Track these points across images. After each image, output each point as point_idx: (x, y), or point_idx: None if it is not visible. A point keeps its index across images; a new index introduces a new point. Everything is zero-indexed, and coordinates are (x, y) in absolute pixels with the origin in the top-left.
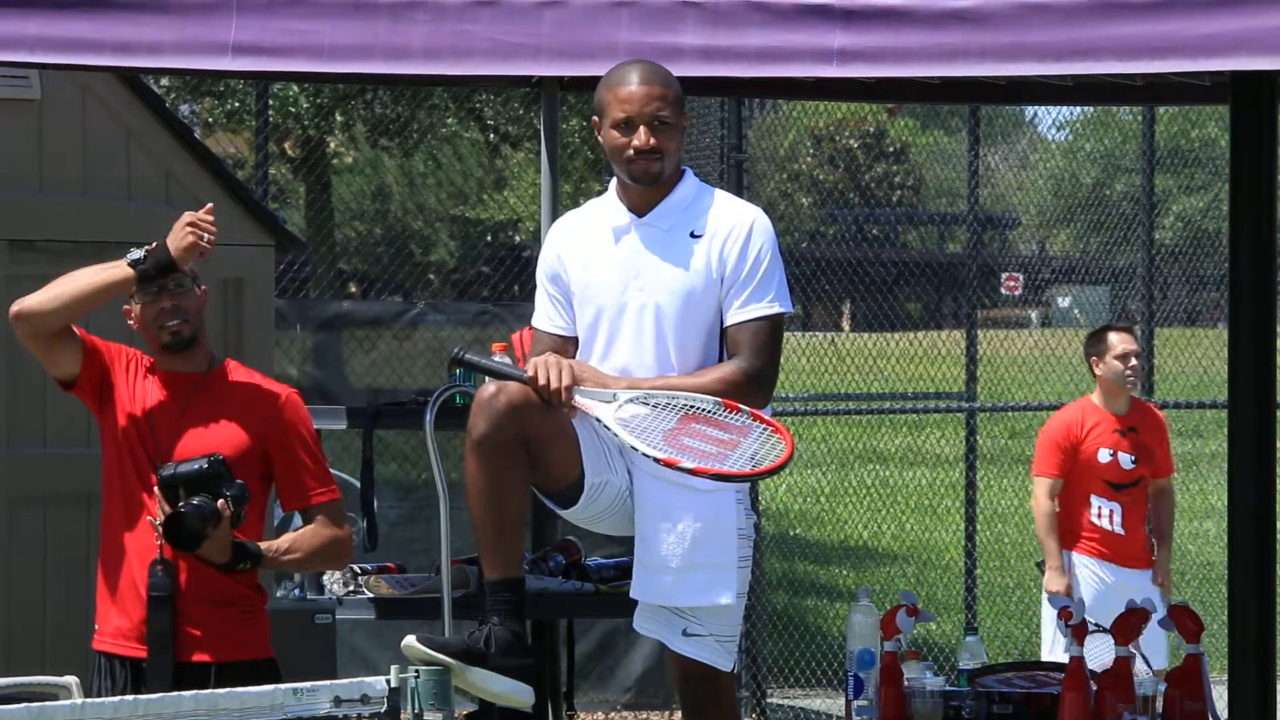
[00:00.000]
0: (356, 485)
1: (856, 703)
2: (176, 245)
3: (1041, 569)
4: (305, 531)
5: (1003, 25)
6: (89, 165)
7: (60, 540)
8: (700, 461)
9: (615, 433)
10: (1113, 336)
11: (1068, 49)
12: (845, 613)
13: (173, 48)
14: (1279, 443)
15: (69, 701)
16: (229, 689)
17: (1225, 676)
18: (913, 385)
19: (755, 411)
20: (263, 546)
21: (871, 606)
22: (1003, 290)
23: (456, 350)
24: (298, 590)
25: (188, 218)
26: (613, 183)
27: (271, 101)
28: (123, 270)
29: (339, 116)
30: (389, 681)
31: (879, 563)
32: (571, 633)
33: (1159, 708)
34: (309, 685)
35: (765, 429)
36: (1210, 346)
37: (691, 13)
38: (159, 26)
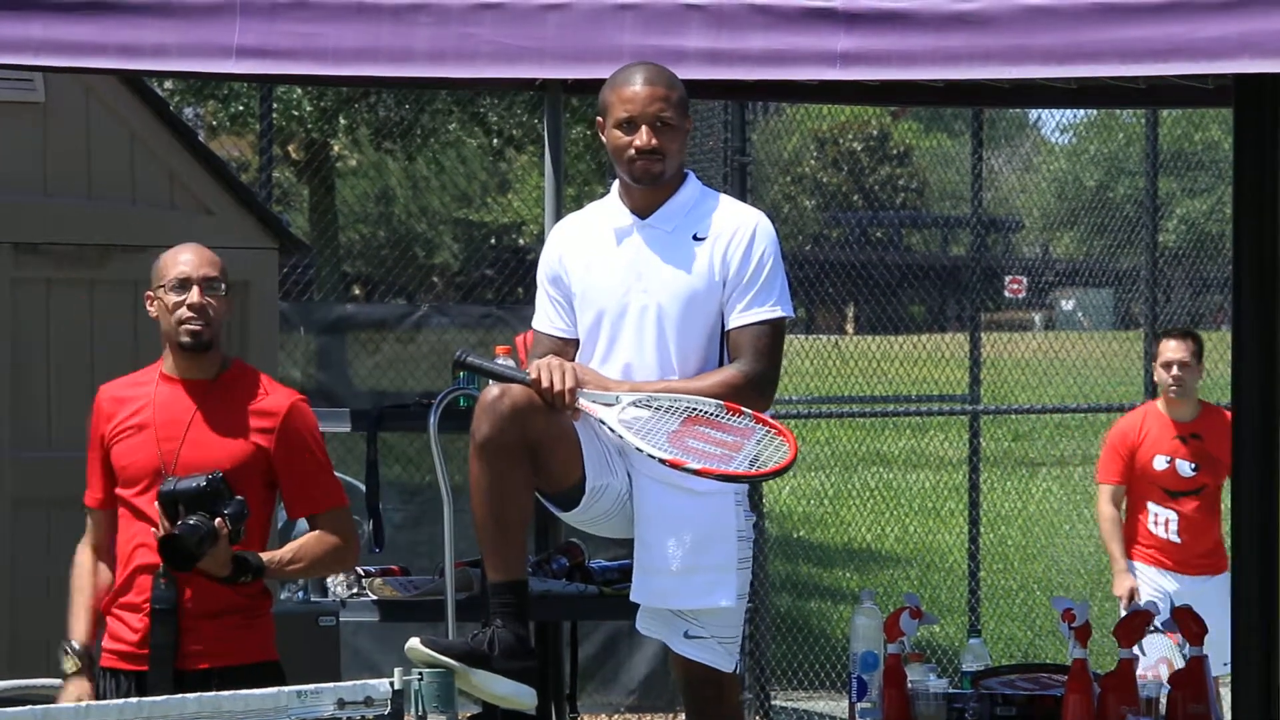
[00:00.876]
0: (361, 488)
1: (860, 705)
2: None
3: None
4: (309, 539)
5: (1006, 28)
6: (93, 168)
7: (64, 543)
8: (704, 462)
9: (619, 434)
10: (1164, 343)
11: (1071, 52)
12: (849, 615)
13: (177, 50)
14: None
15: (73, 704)
16: (232, 692)
17: (1229, 678)
18: (916, 388)
19: (758, 414)
20: (265, 557)
21: (875, 609)
22: (1006, 293)
23: (459, 353)
24: (301, 593)
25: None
26: (615, 185)
27: (275, 104)
28: None
29: (343, 120)
30: (392, 684)
31: (882, 565)
32: (575, 635)
33: (1163, 710)
34: (312, 687)
35: (768, 431)
36: (1214, 349)
37: (695, 16)
38: (163, 29)
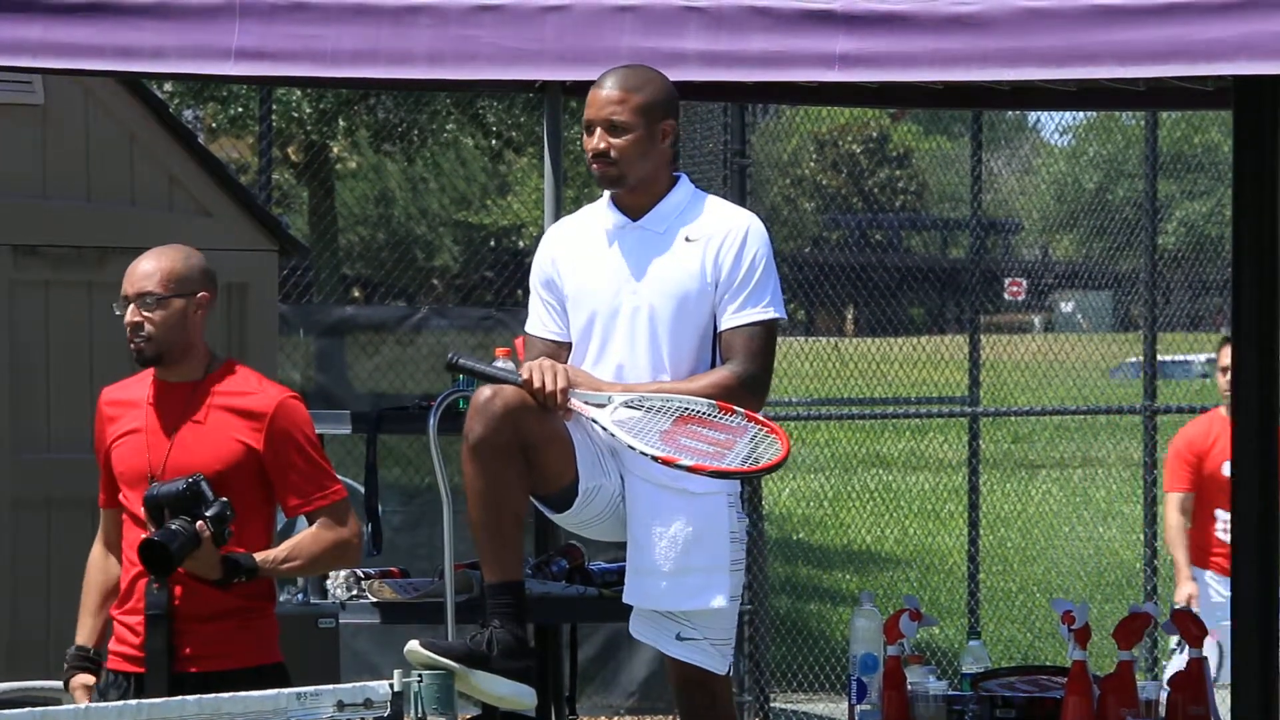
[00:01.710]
0: (361, 490)
1: (860, 707)
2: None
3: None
4: (305, 537)
5: (1005, 30)
6: (92, 170)
7: (63, 545)
8: (697, 459)
9: (611, 433)
10: (1224, 350)
11: (1070, 54)
12: (848, 617)
13: (176, 52)
14: None
15: (73, 706)
16: (232, 694)
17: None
18: (916, 390)
19: (750, 413)
20: (258, 557)
21: (874, 611)
22: (1005, 295)
23: (451, 356)
24: (301, 594)
25: None
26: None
27: (275, 107)
28: None
29: (342, 122)
30: (392, 686)
31: (882, 567)
32: (575, 637)
33: (1162, 712)
34: (312, 690)
35: (760, 429)
36: (1213, 351)
37: (694, 18)
38: (162, 31)
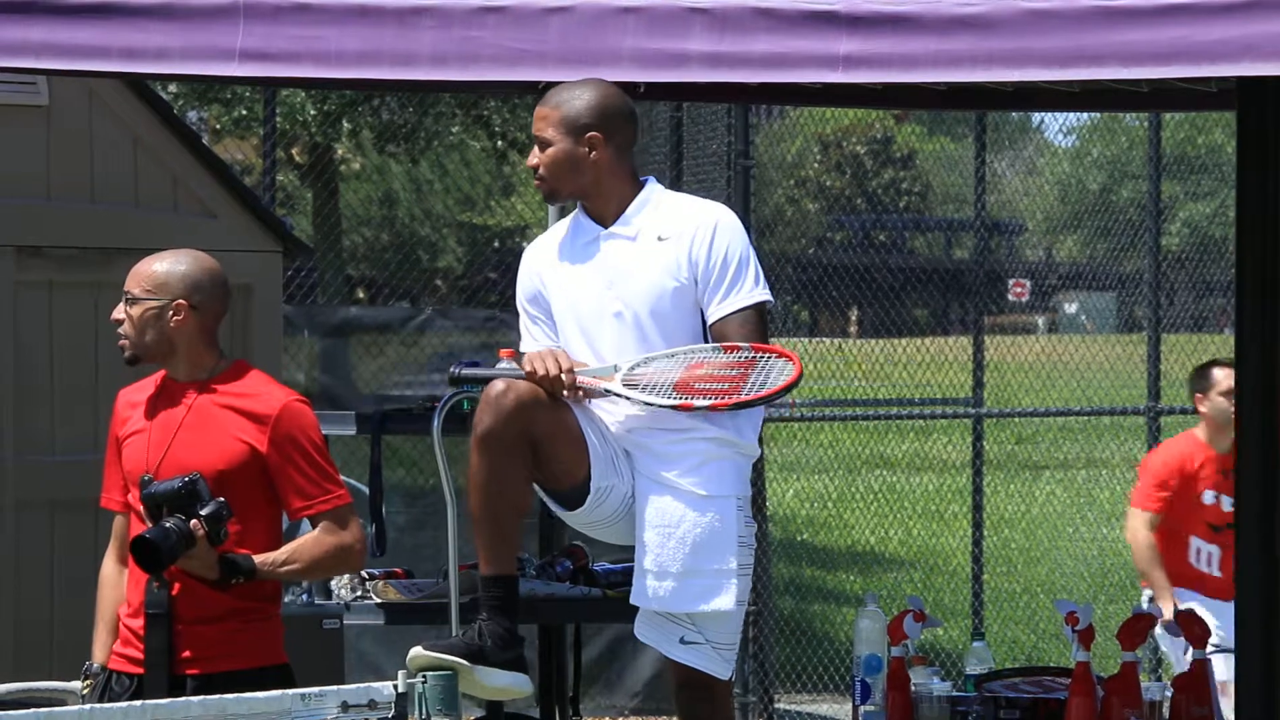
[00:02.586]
0: (365, 491)
1: (864, 708)
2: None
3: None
4: (307, 540)
5: (1009, 31)
6: (96, 171)
7: (67, 546)
8: (713, 399)
9: (625, 395)
10: (1218, 372)
11: (1074, 55)
12: (852, 618)
13: (180, 53)
14: None
15: (76, 707)
16: (236, 695)
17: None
18: (920, 391)
19: (755, 344)
20: (257, 559)
21: (878, 612)
22: (1009, 296)
23: (453, 369)
24: (305, 595)
25: None
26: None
27: (279, 108)
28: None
29: (346, 123)
30: (396, 687)
31: (886, 568)
32: (579, 638)
33: (1166, 713)
34: (316, 690)
35: (768, 355)
36: (1217, 352)
37: (698, 19)
38: (166, 32)
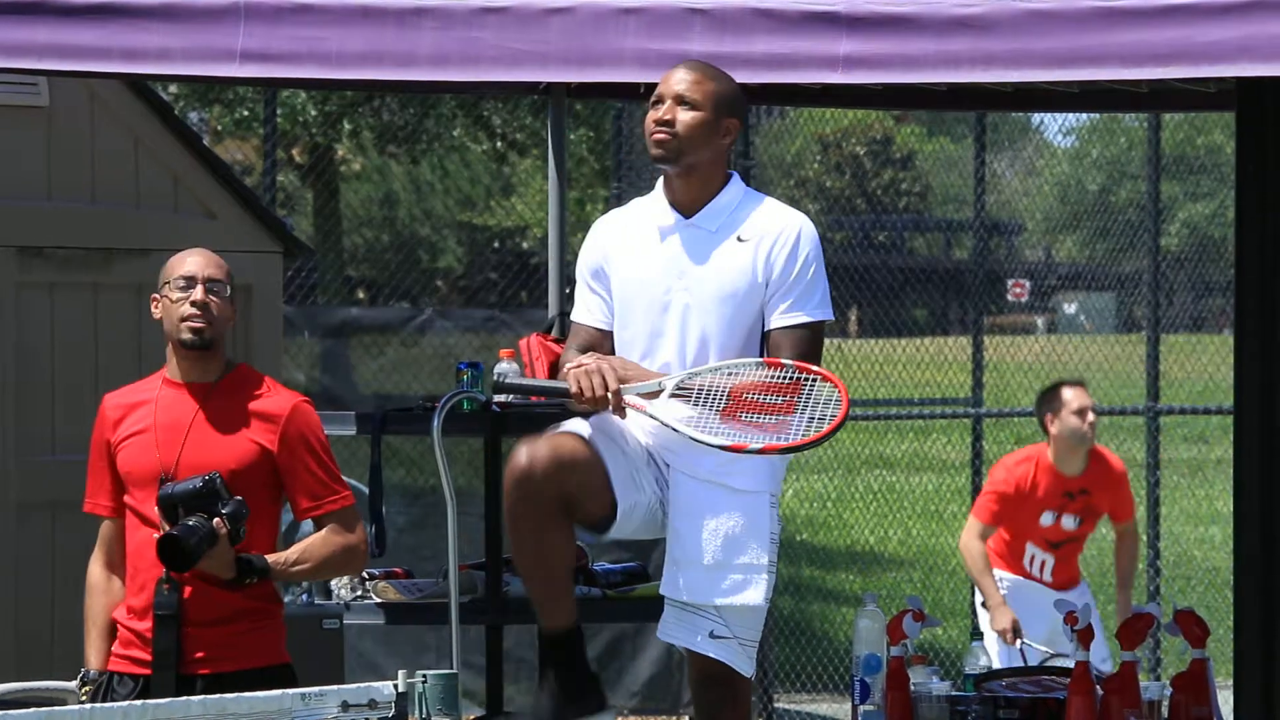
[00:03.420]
0: (364, 490)
1: (863, 708)
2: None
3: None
4: (315, 540)
5: (1008, 32)
6: (97, 172)
7: (68, 546)
8: (764, 438)
9: (673, 428)
10: (1067, 392)
11: (1073, 56)
12: (851, 618)
13: (181, 54)
14: None
15: (77, 706)
16: (236, 694)
17: (1231, 681)
18: (919, 391)
19: (799, 364)
20: (270, 559)
21: (878, 611)
22: (1009, 296)
23: (497, 377)
24: (305, 595)
25: None
26: (659, 182)
27: (279, 109)
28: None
29: (347, 124)
30: (396, 686)
31: (885, 568)
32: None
33: (1165, 712)
34: (316, 690)
35: (813, 379)
36: (1216, 353)
37: (698, 19)
38: (167, 33)
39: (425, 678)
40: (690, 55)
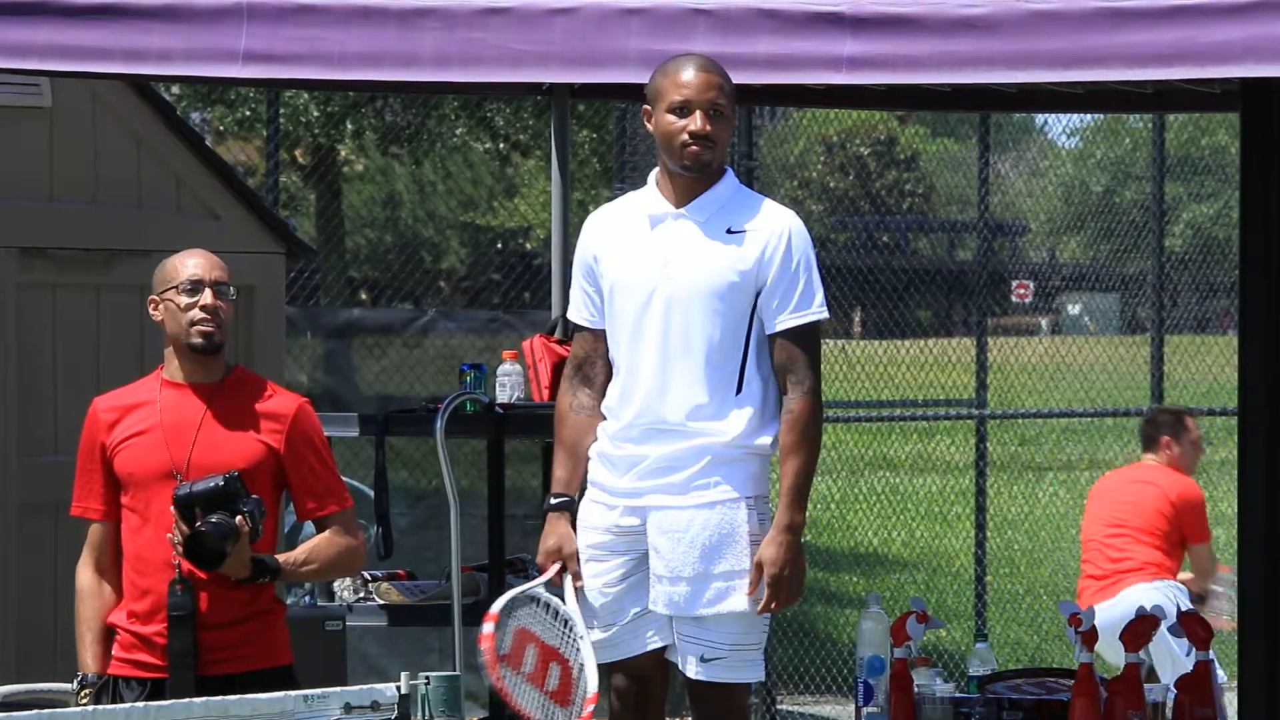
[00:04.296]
0: (368, 492)
1: (867, 709)
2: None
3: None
4: (320, 541)
5: (1012, 33)
6: (99, 173)
7: (70, 547)
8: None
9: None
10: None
11: (1077, 57)
12: (855, 619)
13: (183, 55)
14: None
15: (78, 708)
16: (238, 696)
17: (1235, 683)
18: (923, 392)
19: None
20: (280, 559)
21: (881, 613)
22: (1013, 297)
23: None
24: (308, 597)
25: None
26: (652, 175)
27: (282, 109)
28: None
29: (349, 124)
30: (399, 688)
31: (889, 569)
32: None
33: (1169, 714)
34: (319, 692)
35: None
36: (1220, 354)
37: (702, 20)
38: (169, 34)
39: (428, 679)
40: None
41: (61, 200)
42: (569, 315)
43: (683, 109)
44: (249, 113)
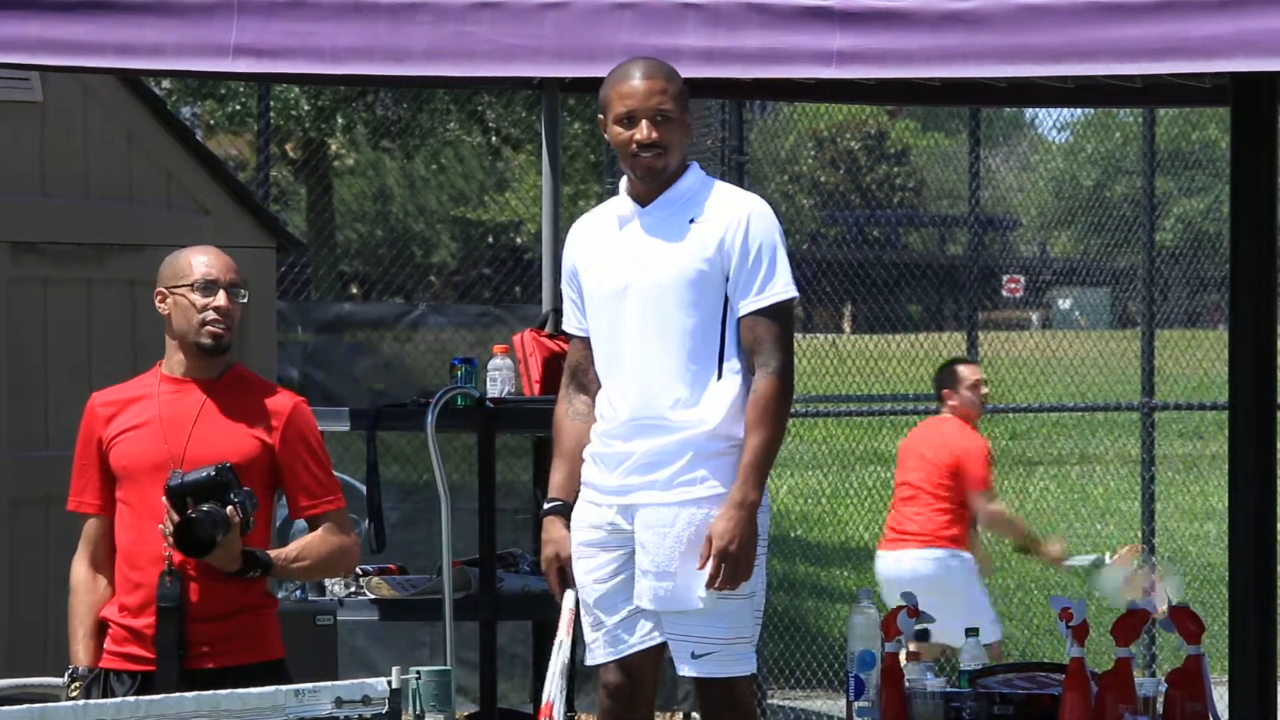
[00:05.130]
0: (359, 487)
1: (857, 704)
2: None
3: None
4: (314, 539)
5: (1002, 27)
6: (90, 167)
7: (62, 541)
8: None
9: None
10: (961, 368)
11: (1067, 51)
12: (846, 614)
13: (174, 49)
14: None
15: (69, 702)
16: (230, 690)
17: (1226, 677)
18: (914, 387)
19: None
20: (272, 554)
21: (872, 608)
22: (1003, 292)
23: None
24: (299, 591)
25: None
26: (624, 179)
27: (273, 103)
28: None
29: (340, 119)
30: (390, 683)
31: None
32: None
33: (1160, 709)
34: (310, 686)
35: None
36: (1211, 348)
37: (692, 14)
38: (160, 28)
39: (419, 674)
40: (683, 50)
41: (53, 195)
42: (563, 326)
43: (629, 119)
44: (239, 107)
